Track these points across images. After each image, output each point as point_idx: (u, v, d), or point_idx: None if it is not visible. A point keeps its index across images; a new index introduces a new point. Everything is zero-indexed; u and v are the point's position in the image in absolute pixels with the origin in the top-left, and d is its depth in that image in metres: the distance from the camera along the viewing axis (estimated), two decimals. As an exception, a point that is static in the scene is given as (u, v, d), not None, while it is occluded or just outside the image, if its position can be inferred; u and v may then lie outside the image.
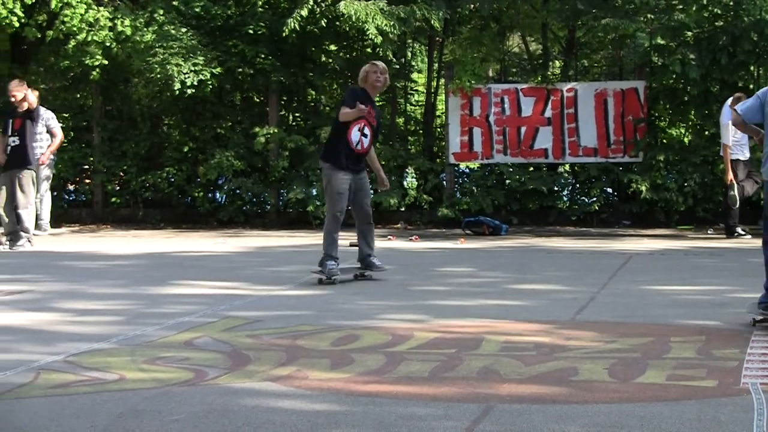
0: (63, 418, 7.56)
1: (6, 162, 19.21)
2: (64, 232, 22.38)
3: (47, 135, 21.02)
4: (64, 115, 24.84)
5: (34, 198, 19.60)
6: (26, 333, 10.85)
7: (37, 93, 21.63)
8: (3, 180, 19.12)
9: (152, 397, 8.13)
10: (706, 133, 21.62)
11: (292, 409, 7.81)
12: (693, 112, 22.15)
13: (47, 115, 21.20)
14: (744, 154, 19.58)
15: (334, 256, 13.93)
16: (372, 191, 14.67)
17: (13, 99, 19.40)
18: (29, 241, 19.10)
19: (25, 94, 19.43)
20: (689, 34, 20.97)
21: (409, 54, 24.71)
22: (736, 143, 19.40)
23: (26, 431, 7.23)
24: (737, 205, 19.63)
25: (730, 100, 19.42)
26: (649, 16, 20.98)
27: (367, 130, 13.92)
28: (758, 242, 18.60)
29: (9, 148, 19.20)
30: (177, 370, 9.05)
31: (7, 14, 21.65)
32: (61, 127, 24.39)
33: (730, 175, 19.34)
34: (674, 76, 21.13)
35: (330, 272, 13.81)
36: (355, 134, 13.76)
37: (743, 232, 19.52)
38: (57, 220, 23.37)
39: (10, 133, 19.26)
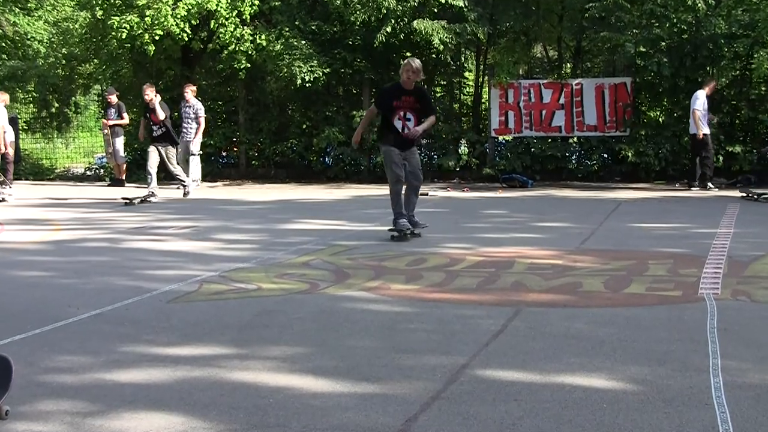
0: (219, 315, 7.64)
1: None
2: (218, 185, 22.47)
3: (195, 123, 21.24)
4: (219, 102, 25.02)
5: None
6: (192, 256, 10.94)
7: (195, 87, 21.76)
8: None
9: (280, 302, 8.18)
10: (675, 115, 21.43)
11: (378, 310, 7.84)
12: (665, 99, 21.99)
13: (198, 105, 21.33)
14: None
15: (402, 213, 12.23)
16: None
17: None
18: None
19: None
20: (663, 43, 20.73)
21: (463, 58, 24.53)
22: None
23: (195, 323, 7.31)
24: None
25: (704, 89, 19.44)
26: (634, 30, 20.75)
27: (408, 115, 12.21)
28: (712, 193, 18.43)
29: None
30: (297, 282, 9.10)
31: (180, 32, 21.73)
32: (216, 111, 24.66)
33: (705, 129, 19.33)
34: (652, 74, 20.93)
35: (403, 227, 12.10)
36: (397, 122, 12.18)
37: (713, 187, 19.33)
38: (213, 177, 23.50)
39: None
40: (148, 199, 17.98)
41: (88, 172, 25.96)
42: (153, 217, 15.27)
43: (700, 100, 19.25)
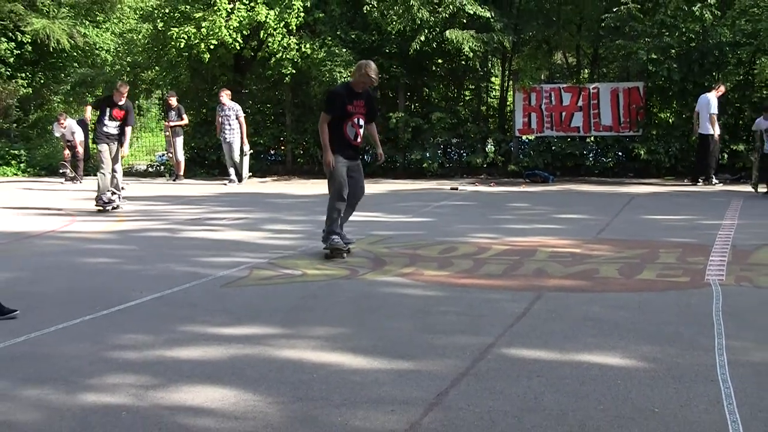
0: (268, 299, 7.68)
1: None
2: (268, 181, 22.49)
3: (236, 123, 21.04)
4: (267, 105, 24.99)
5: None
6: (243, 244, 10.98)
7: (229, 91, 21.58)
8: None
9: (324, 286, 8.21)
10: (683, 116, 21.25)
11: (413, 294, 7.85)
12: (675, 102, 21.80)
13: (236, 107, 21.15)
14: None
15: (337, 231, 9.96)
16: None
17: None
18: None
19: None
20: (673, 51, 20.58)
21: (489, 65, 24.40)
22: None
23: (246, 306, 7.34)
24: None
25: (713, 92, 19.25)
26: (646, 39, 20.59)
27: (361, 121, 10.01)
28: (718, 188, 18.28)
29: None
30: (339, 269, 9.11)
31: (232, 41, 21.79)
32: (265, 113, 24.70)
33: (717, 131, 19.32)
34: (663, 78, 20.76)
35: (338, 245, 9.80)
36: (350, 130, 9.93)
37: (717, 182, 19.18)
38: (263, 173, 23.54)
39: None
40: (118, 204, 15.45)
41: (150, 169, 26.05)
42: (207, 209, 15.33)
43: (713, 102, 19.09)
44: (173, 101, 21.94)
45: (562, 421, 4.57)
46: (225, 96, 20.96)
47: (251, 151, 21.86)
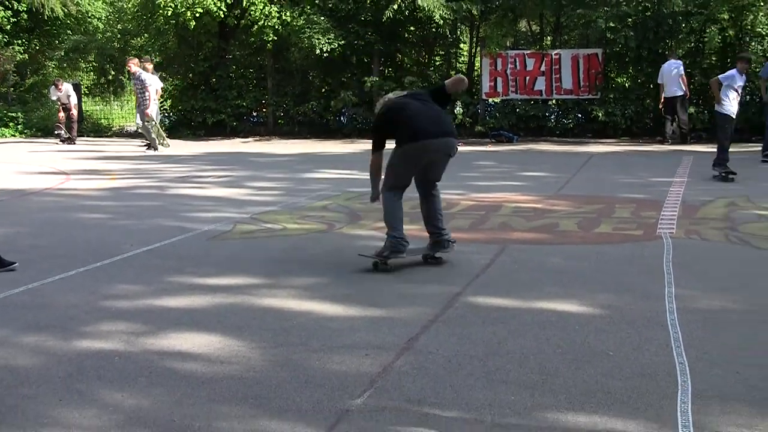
0: (250, 251, 7.68)
1: None
2: (250, 141, 22.39)
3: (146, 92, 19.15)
4: (250, 70, 24.84)
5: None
6: (227, 201, 10.96)
7: (137, 60, 19.93)
8: None
9: (302, 239, 8.22)
10: (639, 81, 21.33)
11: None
12: (631, 68, 21.83)
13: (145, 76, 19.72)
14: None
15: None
16: None
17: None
18: None
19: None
20: (630, 20, 20.59)
21: (458, 32, 24.32)
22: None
23: (230, 258, 7.35)
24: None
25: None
26: (605, 8, 20.63)
27: None
28: (678, 147, 18.33)
29: None
30: (317, 223, 9.12)
31: (217, 10, 21.62)
32: (248, 77, 24.50)
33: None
34: (620, 45, 20.78)
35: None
36: None
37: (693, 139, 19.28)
38: (246, 134, 23.44)
39: None
40: None
41: (139, 130, 25.88)
42: (194, 168, 15.26)
43: (680, 64, 19.13)
44: (149, 66, 20.80)
45: (524, 363, 4.61)
46: (133, 65, 19.61)
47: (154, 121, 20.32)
